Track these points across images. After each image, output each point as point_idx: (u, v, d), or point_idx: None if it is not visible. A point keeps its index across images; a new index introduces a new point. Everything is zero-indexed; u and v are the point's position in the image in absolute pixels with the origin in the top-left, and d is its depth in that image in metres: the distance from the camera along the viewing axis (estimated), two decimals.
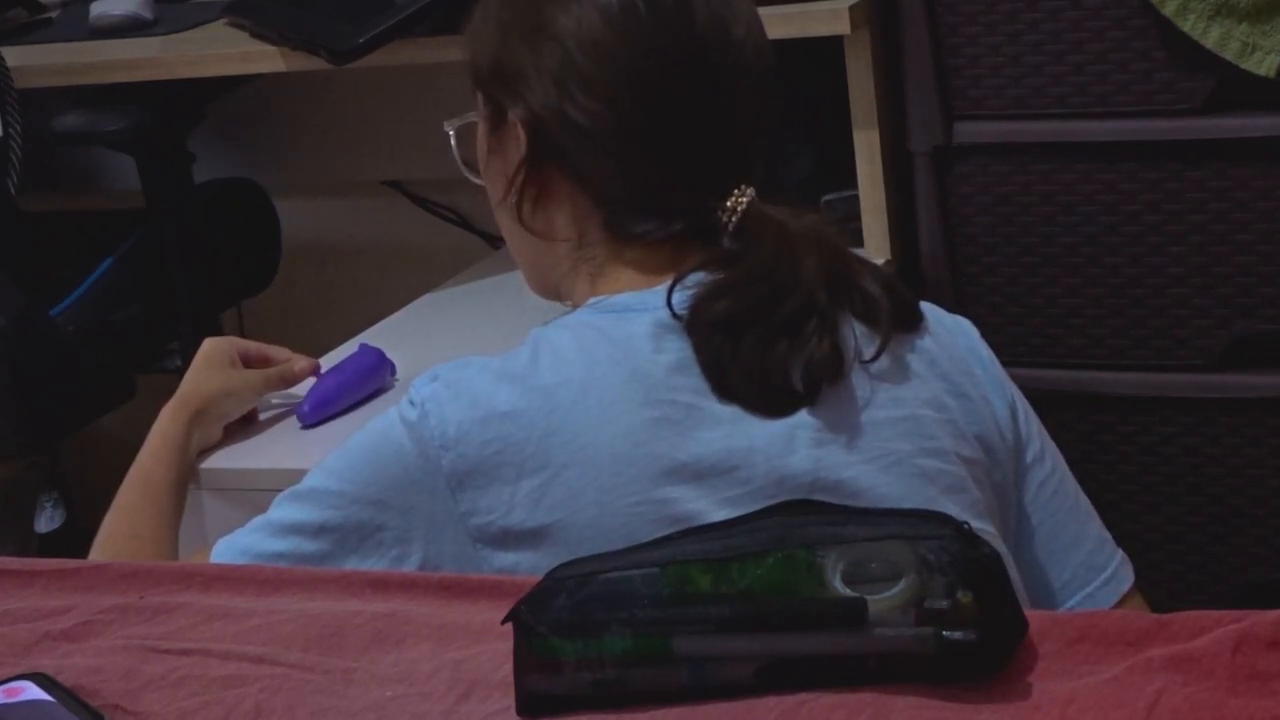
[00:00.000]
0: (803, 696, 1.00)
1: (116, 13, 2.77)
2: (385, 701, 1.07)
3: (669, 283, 1.41)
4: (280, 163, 3.08)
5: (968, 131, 2.17)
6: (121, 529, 1.72)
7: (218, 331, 2.79)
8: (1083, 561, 1.53)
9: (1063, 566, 1.52)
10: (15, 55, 2.61)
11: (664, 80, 1.43)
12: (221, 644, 1.15)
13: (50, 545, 2.94)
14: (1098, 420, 2.21)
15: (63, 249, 2.75)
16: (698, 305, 1.39)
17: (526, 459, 1.37)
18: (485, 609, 1.15)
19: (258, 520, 1.49)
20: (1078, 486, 1.56)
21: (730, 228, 1.42)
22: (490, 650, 1.10)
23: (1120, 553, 1.57)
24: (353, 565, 1.41)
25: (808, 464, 1.37)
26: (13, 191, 2.51)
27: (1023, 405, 1.53)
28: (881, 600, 1.00)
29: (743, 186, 1.43)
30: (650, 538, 1.16)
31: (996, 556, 1.03)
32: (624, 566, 1.05)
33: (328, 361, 2.11)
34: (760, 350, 1.38)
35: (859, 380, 1.40)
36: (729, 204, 1.42)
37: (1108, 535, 1.57)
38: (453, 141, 1.60)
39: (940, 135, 2.17)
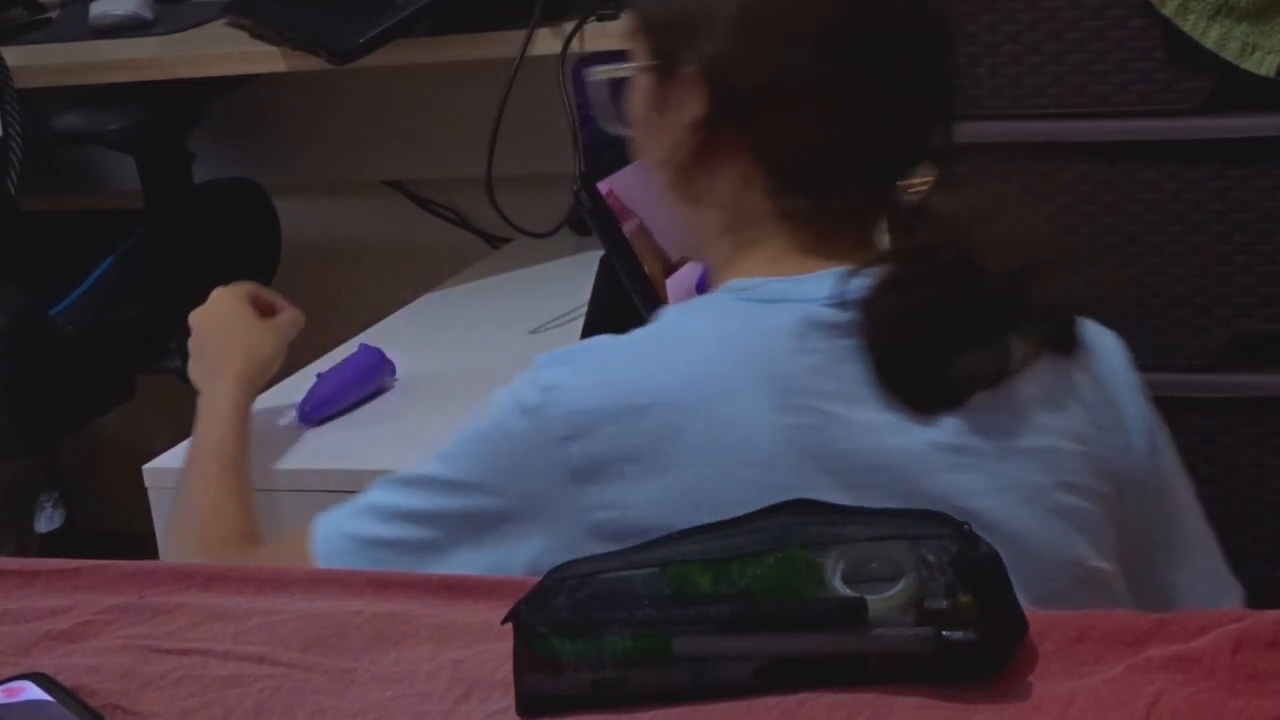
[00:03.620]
0: (803, 696, 1.00)
1: (116, 13, 2.77)
2: (385, 701, 1.07)
3: (828, 269, 1.32)
4: (280, 163, 3.08)
5: (968, 131, 2.16)
6: (205, 506, 1.67)
7: None
8: (1205, 597, 1.48)
9: (1187, 601, 1.46)
10: (15, 55, 2.62)
11: (858, 30, 1.33)
12: (221, 644, 1.15)
13: (50, 545, 2.94)
14: None
15: (63, 249, 2.76)
16: (875, 297, 1.30)
17: (657, 455, 1.30)
18: (485, 609, 1.15)
19: (362, 501, 1.43)
20: (1205, 518, 1.51)
21: (908, 207, 1.33)
22: (490, 650, 1.10)
23: (1238, 587, 1.52)
24: (464, 556, 1.35)
25: (941, 489, 1.30)
26: (13, 191, 2.52)
27: (1163, 438, 1.47)
28: (881, 600, 1.00)
29: (925, 163, 1.35)
30: None
31: (996, 557, 1.03)
32: (624, 566, 1.04)
33: (328, 361, 2.11)
34: (929, 342, 1.31)
35: (1005, 400, 1.33)
36: (912, 180, 1.33)
37: (1227, 569, 1.52)
38: (598, 89, 1.47)
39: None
